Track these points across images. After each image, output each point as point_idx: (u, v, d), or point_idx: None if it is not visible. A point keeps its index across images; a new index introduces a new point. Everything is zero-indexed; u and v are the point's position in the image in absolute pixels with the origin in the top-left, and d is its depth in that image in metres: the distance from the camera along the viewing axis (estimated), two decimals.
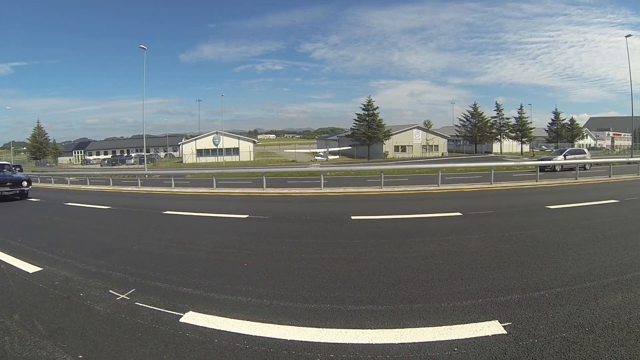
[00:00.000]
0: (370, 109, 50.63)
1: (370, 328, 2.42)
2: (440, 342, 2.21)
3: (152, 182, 19.50)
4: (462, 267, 3.58)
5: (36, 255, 4.47)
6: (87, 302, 2.99)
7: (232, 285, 3.27)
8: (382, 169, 14.49)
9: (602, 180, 13.54)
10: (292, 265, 3.86)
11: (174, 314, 2.71)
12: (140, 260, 4.21)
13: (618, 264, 3.54)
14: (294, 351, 2.18)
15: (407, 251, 4.22)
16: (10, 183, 11.92)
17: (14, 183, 12.05)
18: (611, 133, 72.92)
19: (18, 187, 12.04)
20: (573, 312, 2.51)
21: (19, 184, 12.10)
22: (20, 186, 12.10)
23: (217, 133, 53.70)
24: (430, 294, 2.94)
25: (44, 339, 2.39)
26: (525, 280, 3.19)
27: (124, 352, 2.22)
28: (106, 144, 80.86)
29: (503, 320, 2.43)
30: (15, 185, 12.01)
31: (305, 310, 2.73)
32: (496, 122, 56.75)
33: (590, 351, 2.03)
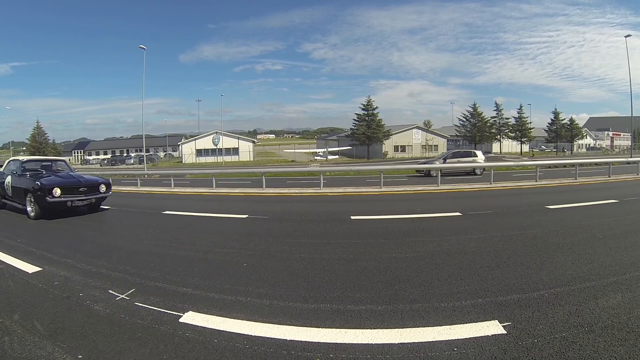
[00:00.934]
0: (370, 109, 50.60)
1: (369, 328, 2.42)
2: (440, 342, 2.21)
3: (152, 182, 19.48)
4: (462, 267, 3.58)
5: (35, 255, 4.47)
6: (87, 302, 2.98)
7: (231, 285, 3.27)
8: (381, 169, 14.50)
9: (602, 180, 13.55)
10: (292, 265, 3.86)
11: (174, 314, 2.71)
12: (140, 260, 4.20)
13: (617, 263, 3.54)
14: (294, 351, 2.18)
15: (407, 251, 4.22)
16: (84, 188, 7.87)
17: (90, 188, 8.01)
18: (610, 133, 73.01)
19: (94, 193, 8.05)
20: (572, 312, 2.51)
21: (95, 189, 8.11)
22: (97, 192, 8.11)
23: (217, 133, 53.69)
24: (430, 294, 2.94)
25: (43, 339, 2.39)
26: (524, 280, 3.19)
27: (124, 352, 2.22)
28: (106, 144, 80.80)
29: (503, 320, 2.44)
30: (91, 191, 8.01)
31: (304, 310, 2.73)
32: (496, 122, 56.76)
33: (589, 351, 2.03)
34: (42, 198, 7.25)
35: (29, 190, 7.50)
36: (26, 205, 7.70)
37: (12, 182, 8.38)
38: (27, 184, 7.67)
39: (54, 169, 9.17)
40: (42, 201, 7.28)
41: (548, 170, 20.41)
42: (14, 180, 8.33)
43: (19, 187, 8.01)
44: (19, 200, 8.10)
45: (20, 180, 8.11)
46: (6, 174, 8.85)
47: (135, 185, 16.67)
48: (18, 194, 8.06)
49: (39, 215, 7.38)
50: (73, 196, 7.70)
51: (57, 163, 9.88)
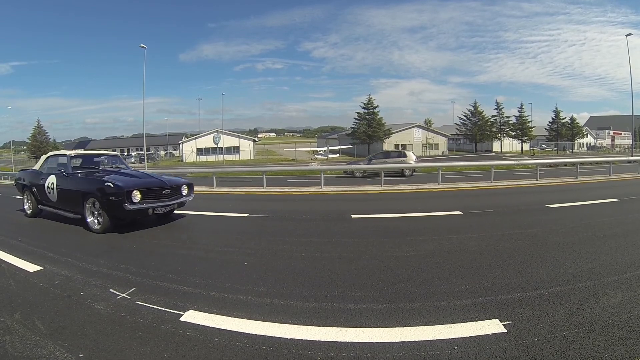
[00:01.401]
0: (371, 108, 50.59)
1: (370, 327, 2.42)
2: (440, 340, 2.21)
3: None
4: (463, 266, 3.58)
5: (36, 254, 4.47)
6: (88, 301, 2.99)
7: (232, 284, 3.27)
8: (382, 167, 14.49)
9: (603, 179, 13.53)
10: (292, 264, 3.86)
11: (175, 312, 2.71)
12: (141, 259, 4.21)
13: (618, 262, 3.54)
14: (294, 350, 2.18)
15: (408, 250, 4.22)
16: (168, 191, 6.14)
17: (173, 190, 6.26)
18: (611, 132, 72.89)
19: (177, 197, 6.34)
20: (573, 311, 2.51)
21: (178, 192, 6.39)
22: (179, 195, 6.39)
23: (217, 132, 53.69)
24: (430, 293, 2.95)
25: (44, 337, 2.39)
26: (525, 279, 3.19)
27: (125, 350, 2.23)
28: (106, 143, 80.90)
29: (503, 318, 2.44)
30: (174, 194, 6.28)
31: (305, 308, 2.73)
32: (496, 121, 56.74)
33: (590, 350, 2.03)
34: (118, 205, 5.37)
35: (93, 194, 5.67)
36: (84, 214, 5.80)
37: (58, 183, 6.47)
38: (89, 186, 5.88)
39: (112, 167, 7.32)
40: (118, 209, 5.41)
41: (549, 169, 20.37)
42: (61, 182, 6.45)
43: (71, 190, 6.15)
44: (68, 207, 6.32)
45: (73, 181, 6.26)
46: (45, 173, 7.02)
47: None
48: (69, 198, 6.22)
49: (108, 227, 5.57)
50: (155, 201, 5.82)
51: (112, 159, 7.79)
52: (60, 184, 6.46)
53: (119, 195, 5.39)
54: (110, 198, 5.45)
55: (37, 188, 7.12)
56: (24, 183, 7.73)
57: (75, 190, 6.09)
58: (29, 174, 7.75)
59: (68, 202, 6.31)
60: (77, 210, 6.08)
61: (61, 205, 6.51)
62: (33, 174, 7.51)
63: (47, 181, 6.73)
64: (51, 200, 6.69)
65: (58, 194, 6.49)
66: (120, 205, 5.38)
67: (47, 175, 6.85)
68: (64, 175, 6.50)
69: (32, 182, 7.36)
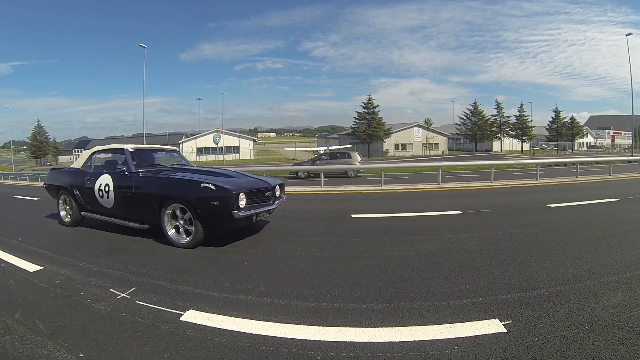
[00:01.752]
0: (371, 107, 50.63)
1: (370, 326, 2.42)
2: (440, 340, 2.21)
3: None
4: (463, 266, 3.58)
5: (37, 254, 4.47)
6: (88, 301, 2.99)
7: (232, 284, 3.28)
8: (382, 167, 14.49)
9: (603, 178, 13.54)
10: (292, 263, 3.86)
11: (175, 312, 2.71)
12: (141, 258, 4.21)
13: (618, 262, 3.54)
14: (295, 349, 2.18)
15: (407, 249, 4.22)
16: (270, 192, 5.18)
17: (273, 191, 5.30)
18: (611, 131, 72.89)
19: (276, 199, 5.38)
20: (573, 311, 2.51)
21: (274, 194, 5.35)
22: (277, 197, 5.42)
23: (218, 131, 53.72)
24: (430, 292, 2.95)
25: (44, 337, 2.39)
26: (525, 278, 3.19)
27: (125, 350, 2.23)
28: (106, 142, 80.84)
29: (503, 318, 2.44)
30: (273, 196, 5.29)
31: (305, 308, 2.73)
32: (496, 121, 56.77)
33: (590, 349, 2.03)
34: (225, 212, 4.27)
35: (178, 198, 4.53)
36: (163, 224, 4.66)
37: (117, 185, 5.21)
38: (170, 189, 4.73)
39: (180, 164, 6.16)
40: (224, 217, 4.37)
41: (549, 168, 20.37)
42: (121, 183, 5.17)
43: (140, 194, 4.91)
44: (131, 214, 5.14)
45: (141, 183, 5.00)
46: (92, 172, 5.78)
47: None
48: (134, 204, 5.04)
49: (200, 240, 4.46)
50: (259, 205, 4.79)
51: (171, 154, 6.76)
52: (121, 186, 5.17)
53: (226, 200, 4.25)
54: (212, 204, 4.27)
55: (80, 191, 5.84)
56: (61, 185, 6.36)
57: (147, 194, 4.85)
58: (68, 175, 6.33)
59: (133, 209, 5.09)
60: (145, 219, 4.96)
61: (120, 212, 5.26)
62: (74, 174, 6.16)
63: (98, 183, 5.44)
64: (103, 206, 5.42)
65: (117, 198, 5.21)
66: (228, 212, 4.25)
67: (97, 176, 5.54)
68: (125, 176, 5.19)
69: (74, 184, 6.01)
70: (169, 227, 4.70)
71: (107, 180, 5.36)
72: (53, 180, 6.75)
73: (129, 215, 5.21)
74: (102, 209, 5.56)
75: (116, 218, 5.39)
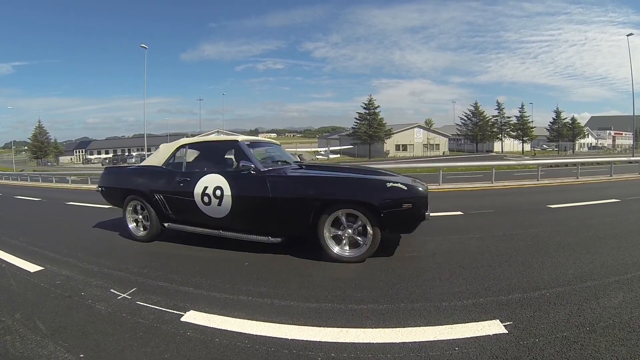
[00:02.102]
0: (372, 108, 50.68)
1: (371, 327, 2.42)
2: (441, 341, 2.21)
3: None
4: (463, 266, 3.57)
5: (37, 254, 4.48)
6: (89, 301, 2.99)
7: (233, 284, 3.28)
8: (383, 167, 14.48)
9: (604, 179, 13.52)
10: (293, 264, 3.85)
11: (175, 313, 2.71)
12: (141, 259, 4.21)
13: (619, 263, 3.53)
14: (295, 350, 2.18)
15: (408, 250, 4.21)
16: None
17: None
18: (612, 132, 72.83)
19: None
20: (574, 312, 2.50)
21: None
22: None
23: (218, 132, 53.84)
24: (431, 293, 2.94)
25: (45, 338, 2.40)
26: (526, 279, 3.19)
27: (125, 351, 2.23)
28: (107, 143, 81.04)
29: (504, 319, 2.43)
30: None
31: (306, 309, 2.73)
32: (497, 121, 56.78)
33: (591, 350, 2.03)
34: (418, 215, 3.69)
35: (366, 202, 3.65)
36: (322, 236, 3.81)
37: (238, 188, 4.10)
38: (353, 190, 3.79)
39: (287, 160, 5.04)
40: (414, 221, 3.74)
41: (550, 169, 20.35)
42: (246, 184, 4.09)
43: (288, 200, 3.88)
44: (256, 225, 4.14)
45: (285, 182, 4.04)
46: (187, 172, 4.59)
47: None
48: (269, 212, 3.99)
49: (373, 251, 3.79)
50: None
51: (278, 149, 5.58)
52: (245, 190, 4.08)
53: (421, 201, 3.70)
54: (404, 206, 3.61)
55: (166, 196, 4.61)
56: (131, 188, 4.96)
57: (295, 198, 3.86)
58: (145, 175, 4.93)
59: (264, 219, 4.06)
60: (285, 230, 4.05)
61: (239, 223, 4.21)
62: (155, 174, 4.82)
63: (201, 185, 4.26)
64: (208, 215, 4.29)
65: (237, 205, 4.08)
66: (421, 214, 3.69)
67: (197, 176, 4.37)
68: (251, 176, 4.07)
69: (156, 187, 4.70)
70: (328, 239, 3.83)
71: (218, 182, 4.17)
72: (117, 182, 5.31)
73: (253, 227, 4.15)
74: (204, 220, 4.36)
75: (227, 230, 4.27)
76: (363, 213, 3.70)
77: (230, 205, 4.12)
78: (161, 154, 5.02)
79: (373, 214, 3.65)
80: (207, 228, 4.43)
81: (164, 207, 4.69)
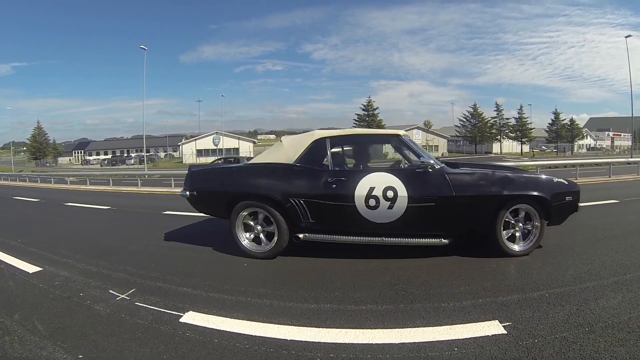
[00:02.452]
0: (370, 110, 50.75)
1: (370, 328, 2.42)
2: (440, 341, 2.21)
3: (152, 183, 19.50)
4: (462, 267, 3.57)
5: (36, 255, 4.47)
6: (87, 302, 2.99)
7: (232, 285, 3.27)
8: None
9: (602, 180, 13.54)
10: (292, 265, 3.85)
11: (174, 313, 2.71)
12: (140, 260, 4.20)
13: (618, 264, 3.53)
14: (294, 351, 2.18)
15: (407, 251, 4.20)
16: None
17: None
18: (611, 133, 73.00)
19: None
20: (573, 312, 2.51)
21: None
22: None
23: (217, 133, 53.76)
24: (430, 294, 2.94)
25: (44, 339, 2.39)
26: (525, 280, 3.19)
27: (124, 351, 2.22)
28: (106, 144, 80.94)
29: (503, 320, 2.43)
30: None
31: (305, 310, 2.73)
32: (496, 123, 56.85)
33: (590, 351, 2.03)
34: (574, 208, 3.99)
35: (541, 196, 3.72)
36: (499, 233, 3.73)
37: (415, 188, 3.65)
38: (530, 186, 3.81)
39: None
40: (569, 213, 4.05)
41: (548, 170, 20.38)
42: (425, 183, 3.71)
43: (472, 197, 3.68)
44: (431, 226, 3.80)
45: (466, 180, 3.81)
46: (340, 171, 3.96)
47: (135, 186, 16.71)
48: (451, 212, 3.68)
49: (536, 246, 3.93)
50: None
51: None
52: (425, 189, 3.67)
53: (577, 195, 4.01)
54: (567, 199, 3.89)
55: (311, 202, 3.81)
56: (253, 192, 4.02)
57: (479, 196, 3.68)
58: (274, 175, 4.03)
59: (441, 219, 3.72)
60: (460, 228, 3.86)
61: (410, 226, 3.76)
62: (292, 174, 3.96)
63: (366, 186, 3.66)
64: (371, 221, 3.71)
65: (413, 207, 3.62)
66: (575, 207, 4.01)
67: (358, 175, 3.78)
68: (429, 174, 3.72)
69: (294, 190, 3.87)
70: (505, 235, 3.77)
71: (389, 182, 3.65)
72: (223, 184, 4.27)
73: (426, 229, 3.80)
74: (362, 226, 3.77)
75: (391, 237, 3.79)
76: (534, 207, 3.78)
77: (405, 208, 3.62)
78: (289, 148, 4.11)
79: (542, 207, 3.78)
80: (363, 236, 3.82)
81: (303, 215, 3.83)
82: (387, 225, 3.72)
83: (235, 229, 4.09)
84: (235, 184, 4.15)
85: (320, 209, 3.80)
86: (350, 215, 3.72)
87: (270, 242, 4.01)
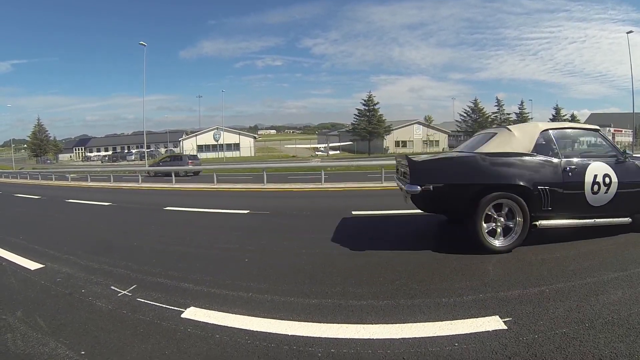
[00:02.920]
0: (371, 104, 50.52)
1: (371, 323, 2.43)
2: (440, 337, 2.22)
3: (153, 179, 19.51)
4: (463, 262, 3.58)
5: (38, 252, 4.49)
6: (89, 299, 3.00)
7: (233, 281, 3.28)
8: (382, 164, 14.47)
9: None
10: (293, 260, 3.86)
11: (175, 309, 2.72)
12: (142, 256, 4.22)
13: (619, 260, 3.53)
14: (295, 346, 2.18)
15: (409, 246, 4.21)
16: None
17: None
18: (612, 129, 72.65)
19: None
20: (573, 308, 2.51)
21: None
22: None
23: (218, 129, 53.74)
24: (431, 289, 2.95)
25: (46, 335, 2.40)
26: (525, 275, 3.19)
27: (126, 347, 2.23)
28: (106, 140, 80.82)
29: (503, 315, 2.44)
30: None
31: (306, 305, 2.74)
32: (497, 118, 56.53)
33: (590, 347, 2.03)
34: None
35: None
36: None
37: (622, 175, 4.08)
38: None
39: None
40: None
41: None
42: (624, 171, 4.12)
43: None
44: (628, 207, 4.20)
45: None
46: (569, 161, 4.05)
47: (136, 182, 16.71)
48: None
49: None
50: None
51: None
52: (626, 176, 4.09)
53: None
54: None
55: (553, 190, 3.92)
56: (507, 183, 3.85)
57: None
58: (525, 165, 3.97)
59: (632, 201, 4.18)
60: None
61: (616, 208, 4.12)
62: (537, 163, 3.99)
63: (591, 174, 4.00)
64: (591, 204, 4.04)
65: (621, 191, 4.04)
66: None
67: (584, 164, 4.04)
68: (623, 163, 4.16)
69: (540, 179, 3.90)
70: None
71: (605, 170, 4.05)
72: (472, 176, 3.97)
73: (624, 210, 4.21)
74: (583, 210, 4.08)
75: (600, 218, 4.15)
76: None
77: (615, 192, 4.04)
78: (523, 138, 4.20)
79: None
80: (581, 219, 4.09)
81: (544, 203, 3.91)
82: (599, 207, 4.06)
83: (479, 222, 3.86)
84: (487, 175, 3.92)
85: (559, 196, 3.95)
86: (579, 200, 4.00)
87: (509, 235, 3.96)
